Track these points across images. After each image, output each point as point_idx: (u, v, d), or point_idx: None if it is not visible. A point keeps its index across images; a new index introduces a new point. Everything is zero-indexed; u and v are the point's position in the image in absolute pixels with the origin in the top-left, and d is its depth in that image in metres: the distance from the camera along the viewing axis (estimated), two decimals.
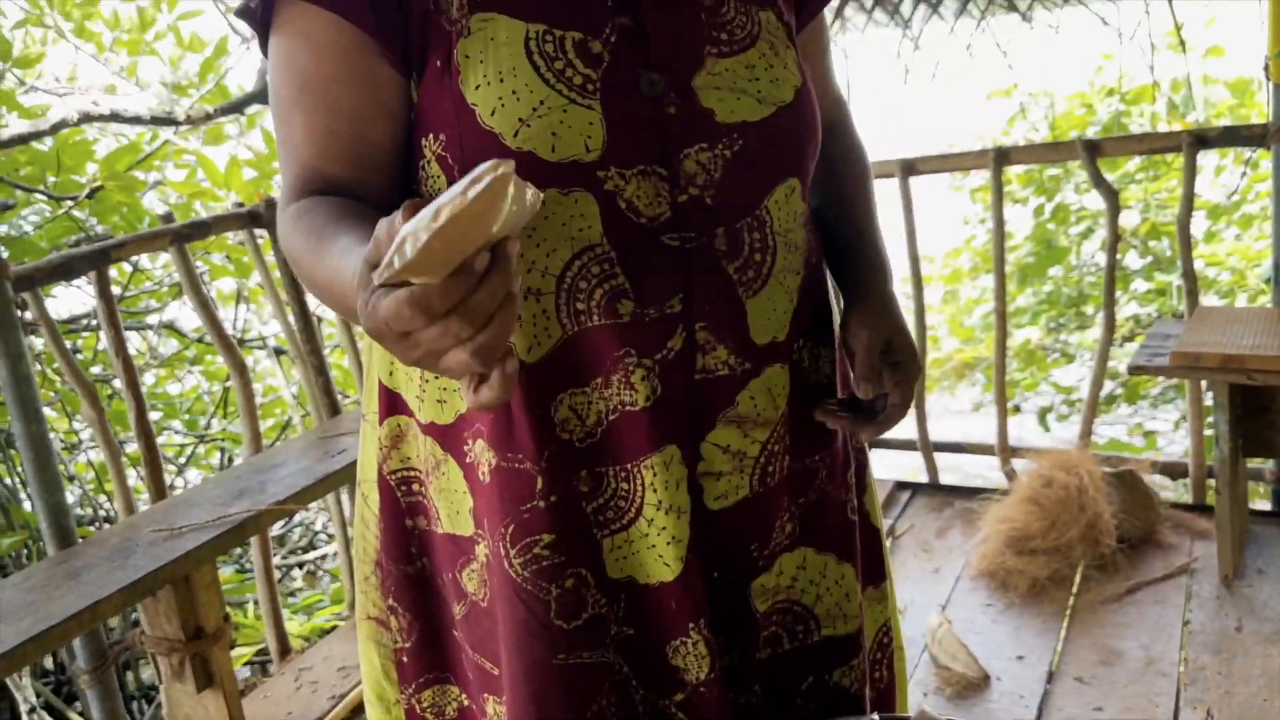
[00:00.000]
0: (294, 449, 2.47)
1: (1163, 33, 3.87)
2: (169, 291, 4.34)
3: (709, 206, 0.93)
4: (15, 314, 2.04)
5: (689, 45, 0.94)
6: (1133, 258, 5.19)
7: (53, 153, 3.63)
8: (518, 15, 0.89)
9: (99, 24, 4.85)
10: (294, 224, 0.90)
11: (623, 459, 0.96)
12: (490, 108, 0.88)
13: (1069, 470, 2.66)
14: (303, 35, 0.91)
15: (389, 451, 1.08)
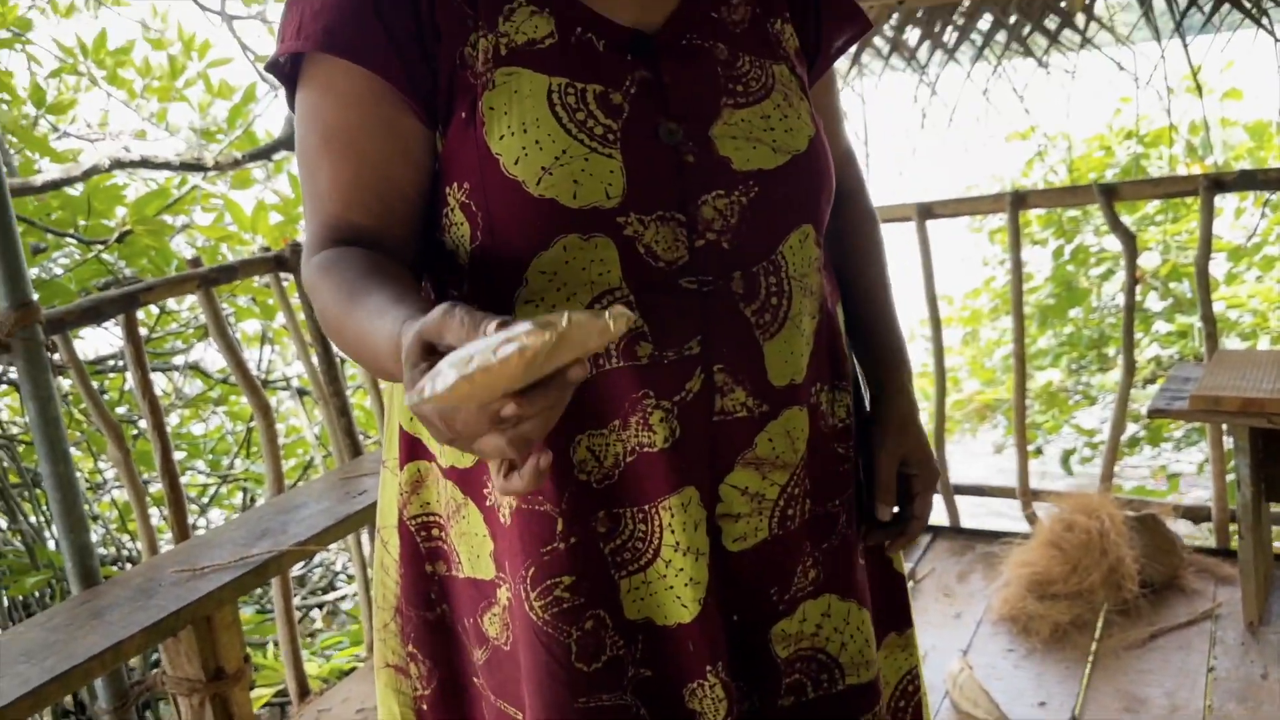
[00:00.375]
0: (316, 489, 2.49)
1: (1179, 76, 3.90)
2: (195, 333, 4.40)
3: (726, 251, 0.95)
4: (45, 356, 2.08)
5: (706, 96, 0.97)
6: (1153, 299, 5.18)
7: (84, 197, 3.71)
8: (541, 69, 0.92)
9: (130, 71, 4.97)
10: (321, 276, 0.92)
11: (641, 500, 0.97)
12: (514, 157, 0.90)
13: (1090, 514, 2.64)
14: (331, 88, 0.94)
15: (409, 497, 1.08)
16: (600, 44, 0.95)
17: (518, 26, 0.94)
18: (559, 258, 0.91)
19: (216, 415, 4.92)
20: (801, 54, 1.08)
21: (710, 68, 0.98)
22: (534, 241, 0.92)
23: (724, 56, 0.99)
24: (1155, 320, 5.17)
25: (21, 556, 3.53)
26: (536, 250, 0.92)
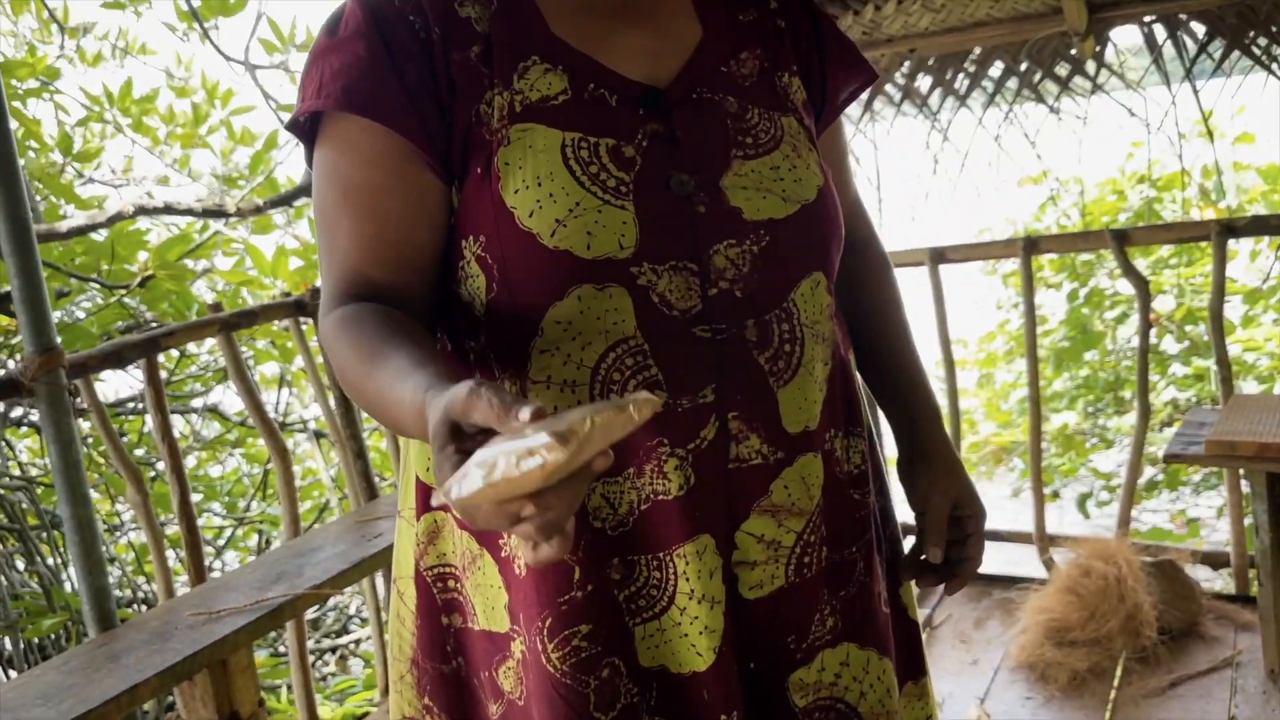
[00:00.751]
0: (331, 533, 2.50)
1: (1191, 121, 3.92)
2: (213, 376, 4.45)
3: (739, 299, 0.96)
4: (68, 400, 2.11)
5: (716, 148, 0.98)
6: (1169, 342, 5.17)
7: (107, 243, 3.77)
8: (555, 125, 0.94)
9: (154, 118, 5.06)
10: (339, 333, 0.93)
11: (655, 548, 0.97)
12: (529, 210, 0.92)
13: (1108, 560, 2.63)
14: (351, 145, 0.96)
15: (425, 547, 1.09)
16: (613, 99, 0.97)
17: (532, 84, 0.96)
18: (574, 308, 0.93)
19: (233, 458, 4.96)
20: (809, 105, 1.10)
21: (721, 120, 1.00)
22: (549, 292, 0.93)
23: (734, 109, 1.01)
24: (1171, 363, 5.15)
25: (38, 599, 3.55)
26: (551, 301, 0.93)
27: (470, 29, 0.97)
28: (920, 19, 3.44)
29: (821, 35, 1.13)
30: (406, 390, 0.82)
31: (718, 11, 1.07)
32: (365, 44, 0.95)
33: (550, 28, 0.99)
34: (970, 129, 3.78)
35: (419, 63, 0.95)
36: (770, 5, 1.11)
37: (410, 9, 0.96)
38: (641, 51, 1.01)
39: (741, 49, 1.06)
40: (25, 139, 4.23)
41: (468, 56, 0.96)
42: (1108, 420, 5.25)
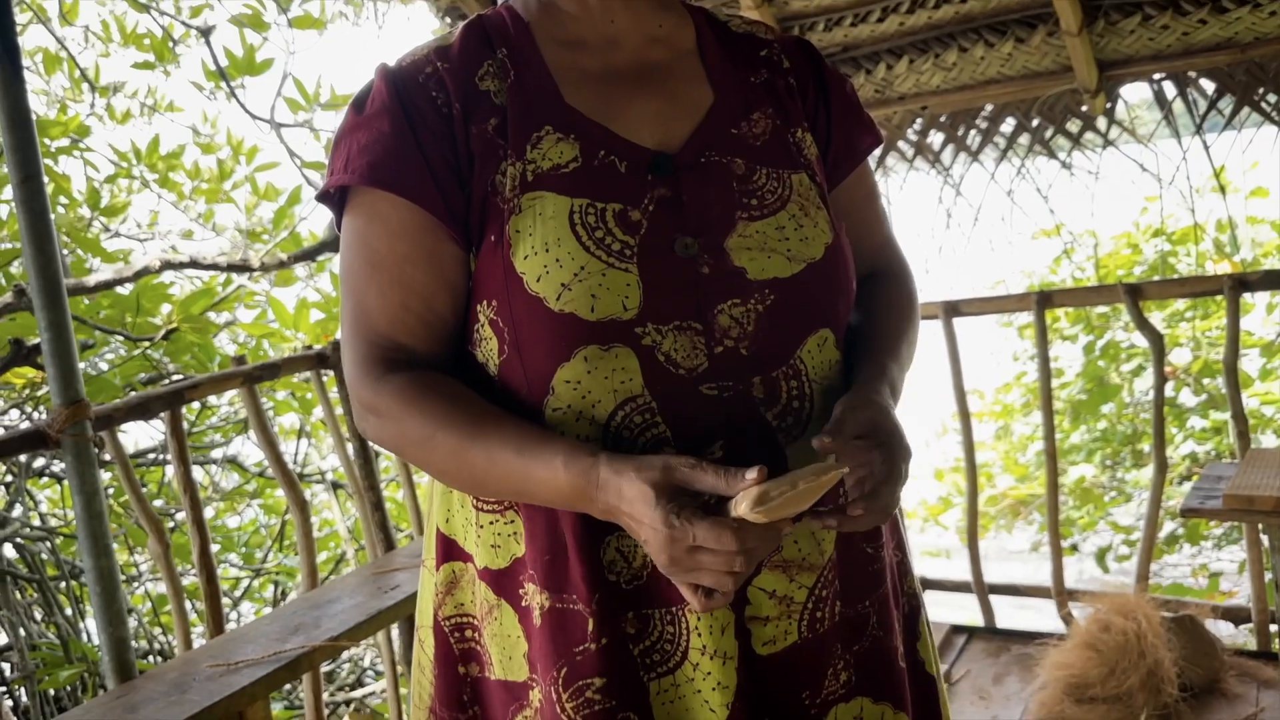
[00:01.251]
0: (348, 584, 2.51)
1: (1204, 175, 3.94)
2: (234, 426, 4.49)
3: (745, 357, 0.99)
4: (93, 452, 2.14)
5: (722, 211, 1.01)
6: (1187, 395, 5.15)
7: (133, 296, 3.84)
8: (564, 192, 0.98)
9: (180, 174, 5.17)
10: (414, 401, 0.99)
11: (668, 602, 0.99)
12: (536, 275, 0.96)
13: (1127, 615, 2.61)
14: (378, 217, 1.01)
15: (444, 597, 1.11)
16: (622, 165, 1.01)
17: (544, 153, 1.00)
18: (581, 369, 0.96)
19: (251, 508, 4.98)
20: (821, 160, 1.13)
21: (727, 183, 1.03)
22: (556, 354, 0.97)
23: (741, 171, 1.04)
24: (1190, 416, 5.13)
25: (56, 649, 3.56)
26: (559, 362, 0.97)
27: (489, 102, 1.02)
28: (932, 77, 3.50)
29: (829, 94, 1.16)
30: (557, 455, 0.93)
31: (730, 75, 1.11)
32: (390, 120, 1.00)
33: (565, 98, 1.04)
34: (983, 184, 3.83)
35: (441, 137, 1.00)
36: (783, 65, 1.14)
37: (433, 85, 1.02)
38: (654, 117, 1.05)
39: (753, 110, 1.09)
40: (55, 195, 4.33)
41: (485, 129, 1.01)
42: (1126, 473, 5.22)
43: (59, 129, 4.17)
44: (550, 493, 0.95)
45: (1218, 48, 3.15)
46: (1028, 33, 3.29)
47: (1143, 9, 3.13)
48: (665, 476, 0.87)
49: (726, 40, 1.15)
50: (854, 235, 1.17)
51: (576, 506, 0.95)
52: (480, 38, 1.07)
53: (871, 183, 1.23)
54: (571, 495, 0.93)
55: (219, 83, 4.54)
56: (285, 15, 4.35)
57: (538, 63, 1.06)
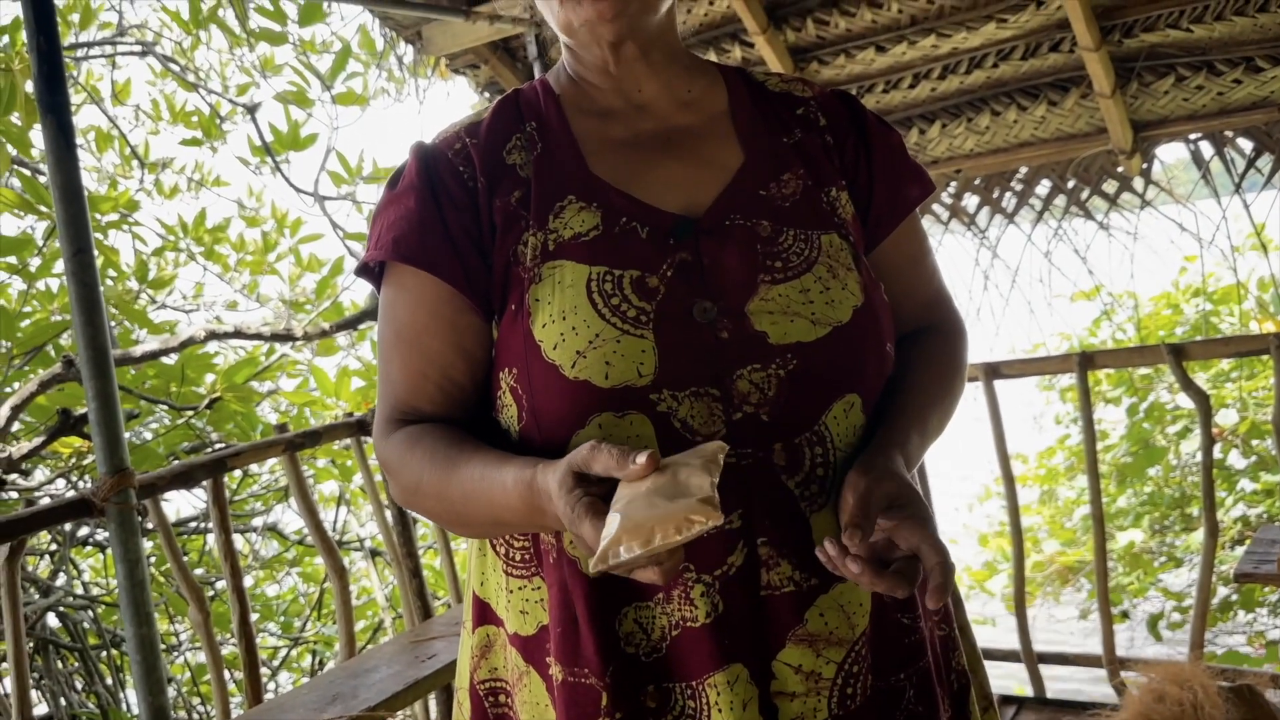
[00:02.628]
0: (386, 653, 2.50)
1: (1244, 233, 3.91)
2: (275, 494, 4.52)
3: (765, 423, 0.96)
4: (137, 521, 2.16)
5: (742, 274, 1.00)
6: (1235, 457, 5.05)
7: (177, 366, 3.91)
8: (583, 260, 1.00)
9: (225, 246, 5.29)
10: (408, 451, 1.02)
11: (688, 676, 0.96)
12: (553, 343, 0.97)
13: (1182, 684, 2.52)
14: (403, 289, 1.05)
15: (479, 660, 1.11)
16: (644, 232, 1.01)
17: (566, 222, 1.02)
18: (595, 435, 0.96)
19: (290, 576, 4.99)
20: (858, 219, 1.10)
21: (750, 245, 1.01)
22: (571, 421, 0.97)
23: (766, 233, 1.02)
24: (1239, 478, 5.02)
25: (96, 719, 3.57)
26: (574, 429, 0.97)
27: (514, 175, 1.05)
28: (965, 141, 3.52)
29: (871, 148, 1.13)
30: (508, 475, 0.94)
31: (762, 135, 1.10)
32: (416, 197, 1.04)
33: (590, 167, 1.06)
34: (1020, 245, 3.82)
35: (465, 211, 1.03)
36: (819, 123, 1.12)
37: (460, 160, 1.06)
38: (681, 182, 1.05)
39: (784, 170, 1.08)
40: (104, 268, 4.44)
41: (509, 202, 1.04)
42: (1175, 537, 5.10)
43: (109, 204, 4.29)
44: (511, 514, 0.96)
45: (1254, 107, 3.15)
46: (1060, 96, 3.31)
47: (1176, 70, 3.14)
48: (568, 465, 0.88)
49: (762, 100, 1.14)
50: (901, 290, 1.14)
51: (537, 523, 0.96)
52: (511, 112, 1.10)
53: (921, 235, 1.18)
54: (527, 512, 0.94)
55: (264, 158, 4.66)
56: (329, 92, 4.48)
57: (565, 134, 1.08)
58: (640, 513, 0.80)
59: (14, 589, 2.13)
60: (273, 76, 4.82)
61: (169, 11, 4.73)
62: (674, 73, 1.11)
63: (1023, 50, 3.24)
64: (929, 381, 1.11)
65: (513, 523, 0.98)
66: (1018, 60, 3.26)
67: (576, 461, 0.87)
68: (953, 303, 1.22)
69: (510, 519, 0.97)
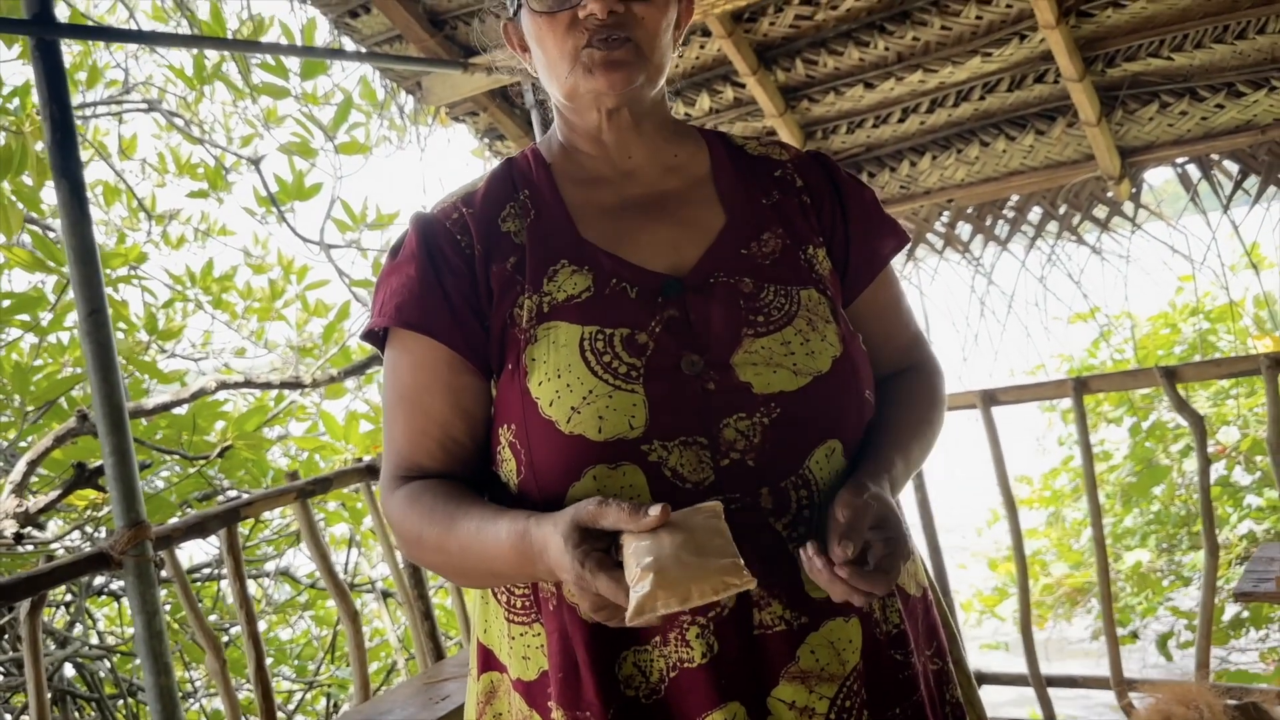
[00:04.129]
0: (400, 696, 2.54)
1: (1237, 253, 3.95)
2: (286, 539, 4.56)
3: (751, 469, 1.02)
4: (154, 572, 2.21)
5: (727, 329, 1.06)
6: (1240, 473, 5.06)
7: (188, 416, 3.97)
8: (576, 320, 1.06)
9: (233, 294, 5.37)
10: (410, 505, 1.08)
11: (687, 715, 1.00)
12: (549, 399, 1.03)
13: (1189, 704, 2.55)
14: (406, 352, 1.11)
15: (484, 706, 1.15)
16: (633, 292, 1.08)
17: (560, 285, 1.08)
18: (590, 487, 1.02)
19: (303, 620, 5.02)
20: (835, 274, 1.16)
21: (733, 301, 1.08)
22: (567, 474, 1.03)
23: (749, 289, 1.09)
24: (1245, 494, 5.03)
25: None
26: (571, 481, 1.03)
27: (509, 242, 1.12)
28: (956, 171, 3.59)
29: (847, 206, 1.20)
30: (501, 528, 0.99)
31: (742, 197, 1.17)
32: (417, 266, 1.11)
33: (580, 232, 1.12)
34: (1014, 271, 3.87)
35: (463, 278, 1.10)
36: (796, 184, 1.19)
37: (458, 230, 1.12)
38: (667, 243, 1.12)
39: (764, 230, 1.14)
40: (114, 321, 4.51)
41: (505, 268, 1.10)
42: (1183, 556, 5.10)
43: (119, 259, 4.37)
44: (505, 565, 1.01)
45: (1237, 130, 3.21)
46: (1048, 125, 3.38)
47: (1159, 97, 3.21)
48: (573, 520, 0.93)
49: (741, 163, 1.20)
50: (881, 337, 1.21)
51: (529, 574, 1.01)
52: (505, 181, 1.17)
53: (897, 286, 1.25)
54: (520, 563, 0.99)
55: (269, 208, 4.75)
56: (332, 142, 4.57)
57: (556, 202, 1.14)
58: (673, 570, 0.86)
59: (35, 643, 2.17)
60: (276, 128, 4.92)
61: (174, 68, 4.84)
62: (661, 140, 1.18)
63: (1008, 82, 3.31)
64: (910, 416, 1.17)
65: (507, 574, 1.04)
66: (1004, 92, 3.34)
67: (582, 517, 0.92)
68: (928, 344, 1.29)
69: (505, 570, 1.03)
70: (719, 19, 3.17)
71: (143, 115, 5.37)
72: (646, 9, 1.08)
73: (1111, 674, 3.04)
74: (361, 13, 3.44)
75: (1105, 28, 3.07)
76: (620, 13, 1.06)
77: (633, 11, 1.07)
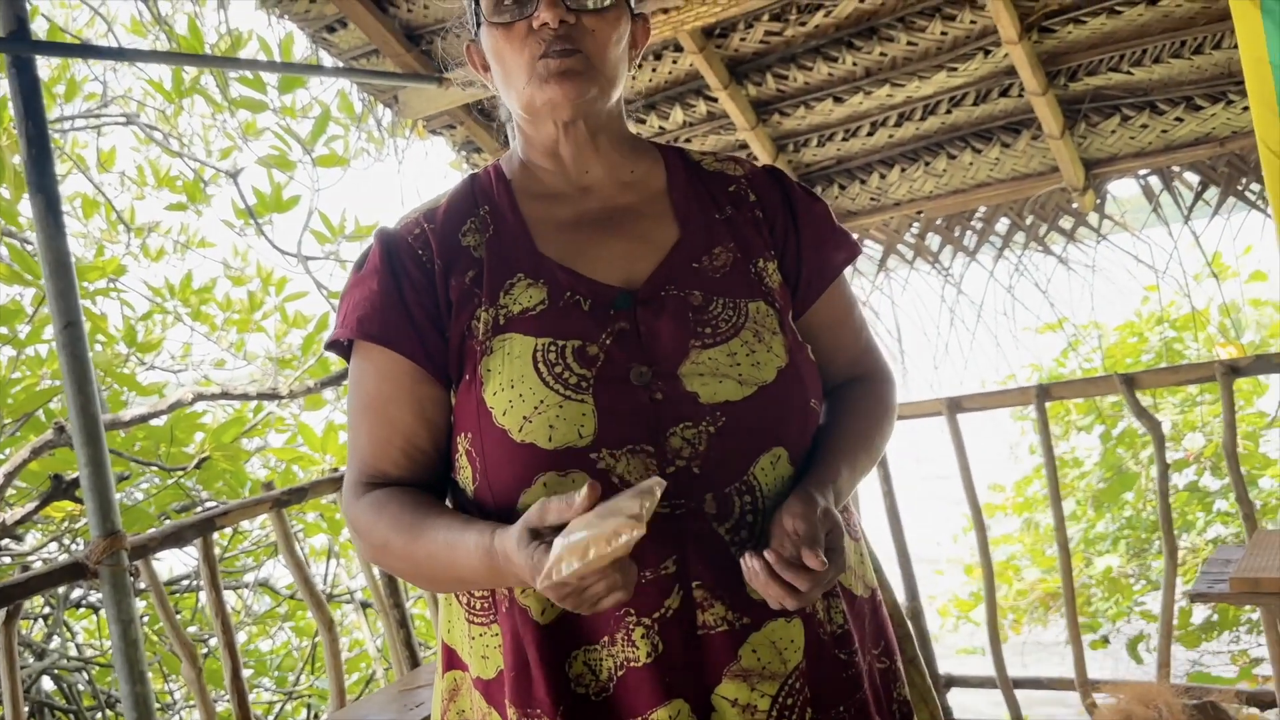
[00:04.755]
0: (376, 703, 2.57)
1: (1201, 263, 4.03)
2: (265, 550, 4.57)
3: (696, 475, 1.06)
4: (129, 582, 2.24)
5: (675, 340, 1.10)
6: (1209, 478, 5.14)
7: (166, 428, 3.98)
8: (530, 332, 1.10)
9: (212, 306, 5.38)
10: (376, 513, 1.12)
11: (635, 712, 1.04)
12: (503, 409, 1.07)
13: (1149, 704, 2.61)
14: (369, 363, 1.15)
15: (448, 704, 1.19)
16: (586, 304, 1.12)
17: (515, 298, 1.12)
18: (541, 493, 1.06)
19: (283, 631, 5.03)
20: (785, 286, 1.20)
21: (682, 314, 1.12)
22: (519, 481, 1.07)
23: (698, 302, 1.13)
24: (1215, 499, 5.11)
25: None
26: (522, 488, 1.07)
27: (469, 256, 1.16)
28: (924, 183, 3.65)
29: (798, 219, 1.23)
30: (469, 539, 1.03)
31: (696, 212, 1.21)
32: (379, 280, 1.15)
33: (538, 247, 1.16)
34: (983, 281, 3.93)
35: (423, 291, 1.14)
36: (750, 198, 1.23)
37: (420, 244, 1.16)
38: (621, 257, 1.16)
39: (716, 244, 1.18)
40: (93, 334, 4.53)
41: (463, 281, 1.14)
42: (1153, 560, 5.17)
43: (96, 272, 4.39)
44: (472, 574, 1.05)
45: (1197, 142, 3.29)
46: (1013, 138, 3.45)
47: (1121, 111, 3.28)
48: (523, 524, 0.98)
49: (697, 178, 1.24)
50: (832, 347, 1.25)
51: (496, 582, 1.06)
52: (467, 197, 1.21)
53: (848, 296, 1.29)
54: (488, 572, 1.03)
55: (248, 220, 4.77)
56: (310, 155, 4.60)
57: (515, 216, 1.19)
58: (577, 535, 0.91)
59: (11, 653, 2.20)
60: (254, 141, 4.94)
61: (152, 82, 4.87)
62: (618, 156, 1.21)
63: (974, 97, 3.38)
64: (859, 425, 1.21)
65: (475, 581, 1.08)
66: (970, 106, 3.40)
67: (530, 520, 0.97)
68: (880, 353, 1.32)
69: (472, 578, 1.07)
70: (690, 34, 3.23)
71: (121, 128, 5.39)
72: (597, 21, 1.12)
73: (1076, 675, 3.10)
74: (338, 27, 3.48)
75: (1066, 43, 3.14)
76: (571, 23, 1.11)
77: (583, 24, 1.12)
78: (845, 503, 1.16)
